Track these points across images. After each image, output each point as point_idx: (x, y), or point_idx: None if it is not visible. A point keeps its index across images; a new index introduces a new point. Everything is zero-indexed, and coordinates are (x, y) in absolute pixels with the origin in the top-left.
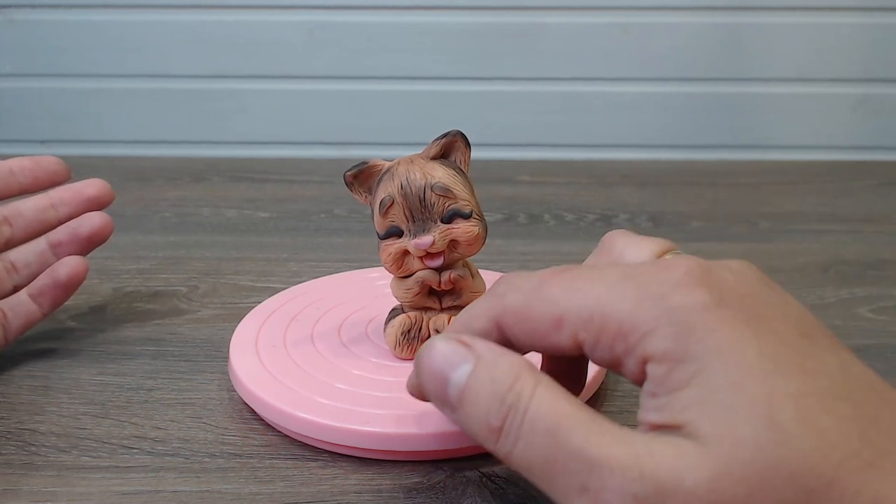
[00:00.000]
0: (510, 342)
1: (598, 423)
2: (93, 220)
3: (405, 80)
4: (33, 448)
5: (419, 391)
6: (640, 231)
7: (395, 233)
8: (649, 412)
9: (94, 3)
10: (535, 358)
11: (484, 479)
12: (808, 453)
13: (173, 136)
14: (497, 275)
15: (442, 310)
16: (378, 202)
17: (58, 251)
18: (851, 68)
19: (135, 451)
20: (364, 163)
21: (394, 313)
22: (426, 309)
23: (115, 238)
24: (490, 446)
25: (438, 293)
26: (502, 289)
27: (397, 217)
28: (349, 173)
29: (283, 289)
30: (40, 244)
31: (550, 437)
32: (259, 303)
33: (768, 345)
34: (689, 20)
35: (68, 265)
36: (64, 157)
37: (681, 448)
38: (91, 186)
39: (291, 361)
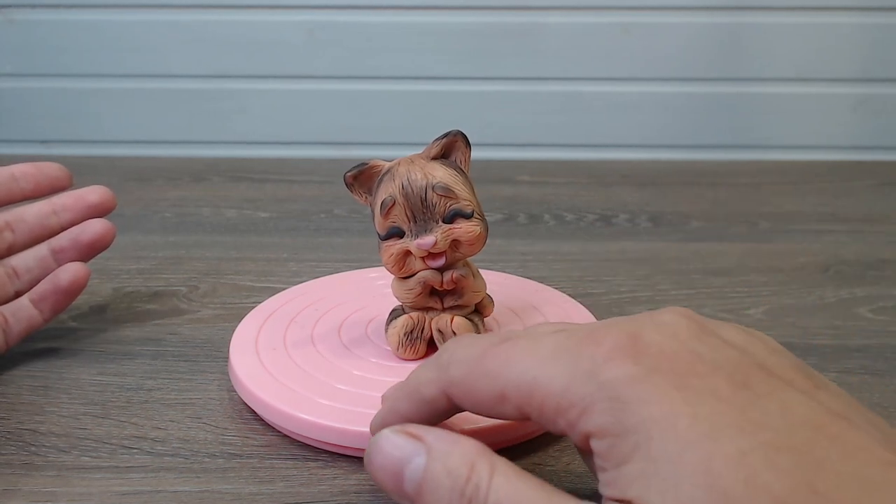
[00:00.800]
0: (458, 408)
1: (551, 500)
2: (94, 227)
3: (405, 80)
4: (33, 448)
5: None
6: (639, 231)
7: (396, 233)
8: (603, 487)
9: (94, 3)
10: None
11: None
12: None
13: (173, 136)
14: (497, 275)
15: (444, 309)
16: (379, 203)
17: (59, 257)
18: (851, 68)
19: (135, 451)
20: (364, 163)
21: (395, 314)
22: (428, 309)
23: (115, 238)
24: None
25: (440, 293)
26: (446, 359)
27: (398, 218)
28: (349, 174)
29: (283, 289)
30: (42, 250)
31: None
32: (259, 303)
33: (703, 406)
34: (689, 20)
35: (70, 271)
36: (64, 158)
37: None
38: (93, 193)
39: (291, 362)
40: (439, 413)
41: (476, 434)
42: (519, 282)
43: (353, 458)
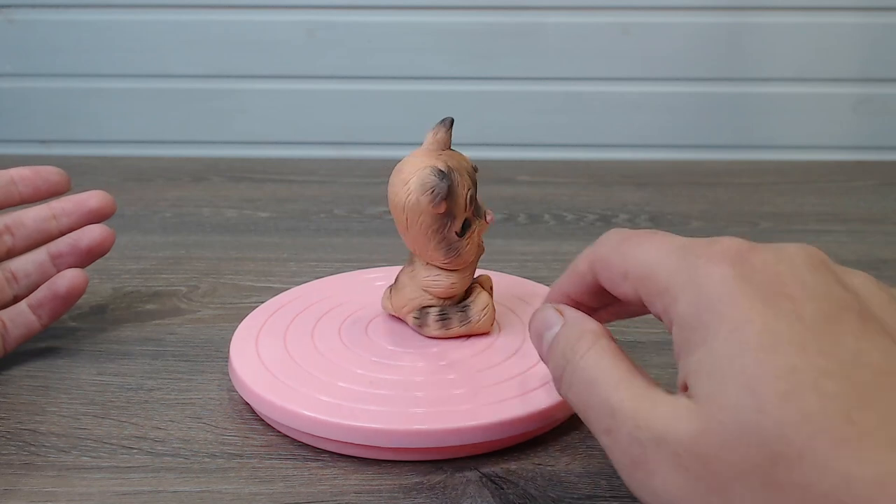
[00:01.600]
0: (601, 285)
1: (627, 380)
2: (93, 233)
3: (405, 80)
4: (33, 448)
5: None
6: None
7: (467, 224)
8: (679, 373)
9: (94, 3)
10: None
11: (484, 479)
12: (782, 423)
13: (173, 136)
14: (497, 275)
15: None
16: (466, 199)
17: (58, 262)
18: (851, 68)
19: (135, 451)
20: (444, 173)
21: (445, 306)
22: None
23: (114, 243)
24: (558, 389)
25: None
26: (601, 240)
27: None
28: (446, 190)
29: (283, 289)
30: (41, 255)
31: (588, 387)
32: (259, 303)
33: (779, 322)
34: (689, 20)
35: (68, 278)
36: (64, 158)
37: (678, 405)
38: (93, 198)
39: (292, 361)
40: (588, 285)
41: (477, 431)
42: (519, 282)
43: (353, 458)
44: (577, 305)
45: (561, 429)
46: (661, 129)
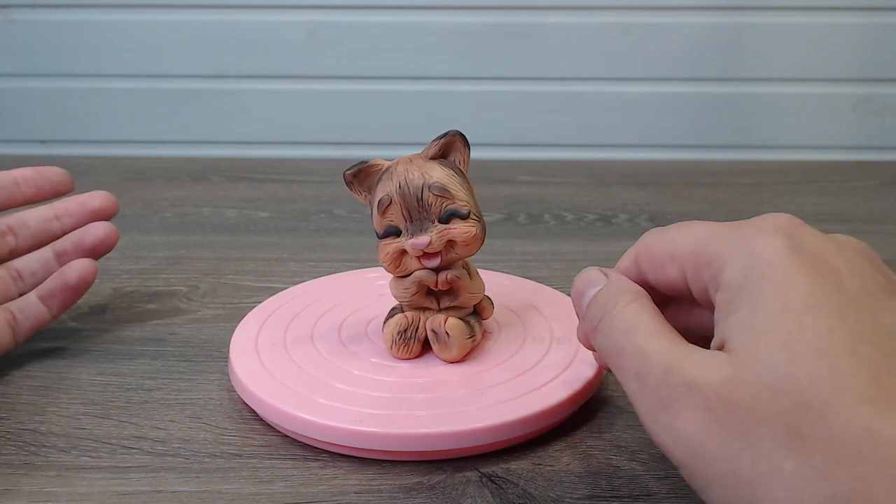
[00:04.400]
0: (646, 278)
1: (664, 332)
2: (97, 230)
3: (405, 80)
4: (33, 448)
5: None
6: (639, 231)
7: (393, 232)
8: (715, 338)
9: (94, 3)
10: None
11: (484, 479)
12: (813, 376)
13: (173, 136)
14: (497, 275)
15: (440, 310)
16: (377, 201)
17: (63, 260)
18: (851, 68)
19: (135, 451)
20: (363, 162)
21: (392, 312)
22: (424, 309)
23: (118, 241)
24: (592, 337)
25: (436, 293)
26: (642, 237)
27: (395, 217)
28: (349, 172)
29: (283, 289)
30: (46, 253)
31: (624, 335)
32: (259, 303)
33: (823, 290)
34: (689, 20)
35: (78, 268)
36: (64, 158)
37: (712, 356)
38: (96, 198)
39: (291, 361)
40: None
41: (479, 434)
42: (519, 282)
43: (353, 458)
44: None
45: (561, 429)
46: (660, 129)
